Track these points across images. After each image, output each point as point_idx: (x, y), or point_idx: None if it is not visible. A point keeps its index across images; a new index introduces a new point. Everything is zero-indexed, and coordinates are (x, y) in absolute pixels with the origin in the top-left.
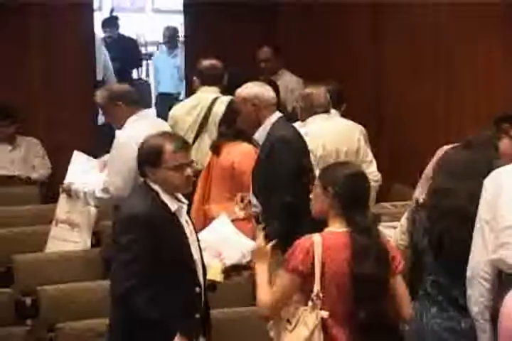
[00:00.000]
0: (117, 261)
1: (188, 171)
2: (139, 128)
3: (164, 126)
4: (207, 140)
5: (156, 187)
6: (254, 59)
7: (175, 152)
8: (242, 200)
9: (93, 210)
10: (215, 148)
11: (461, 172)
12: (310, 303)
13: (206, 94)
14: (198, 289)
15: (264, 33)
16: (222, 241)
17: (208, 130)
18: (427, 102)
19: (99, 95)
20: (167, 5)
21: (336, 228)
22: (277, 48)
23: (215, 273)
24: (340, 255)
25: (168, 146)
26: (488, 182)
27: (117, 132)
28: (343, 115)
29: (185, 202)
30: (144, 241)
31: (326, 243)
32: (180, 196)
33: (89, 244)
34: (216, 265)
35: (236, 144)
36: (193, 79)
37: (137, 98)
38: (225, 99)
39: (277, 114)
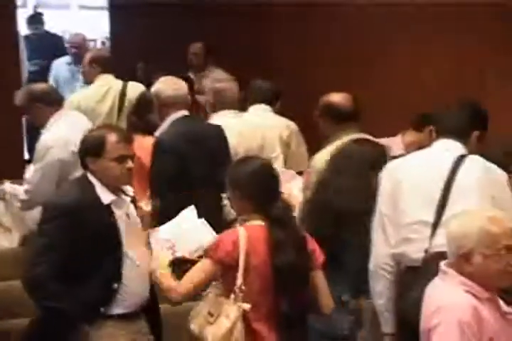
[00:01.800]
0: (34, 245)
1: (130, 163)
2: (62, 129)
3: (88, 124)
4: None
5: (93, 179)
6: (183, 56)
7: (118, 143)
8: None
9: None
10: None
11: (344, 167)
12: (232, 296)
13: (110, 80)
14: (115, 285)
15: (193, 31)
16: (181, 233)
17: (124, 113)
18: None
19: (19, 97)
20: (92, 1)
21: (255, 221)
22: (208, 45)
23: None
24: (261, 248)
25: (111, 137)
26: (386, 175)
27: (42, 133)
28: (277, 112)
29: (131, 194)
30: (64, 230)
31: (249, 236)
32: (126, 188)
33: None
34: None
35: (144, 138)
36: (89, 67)
37: (58, 97)
38: (134, 84)
39: (180, 113)
